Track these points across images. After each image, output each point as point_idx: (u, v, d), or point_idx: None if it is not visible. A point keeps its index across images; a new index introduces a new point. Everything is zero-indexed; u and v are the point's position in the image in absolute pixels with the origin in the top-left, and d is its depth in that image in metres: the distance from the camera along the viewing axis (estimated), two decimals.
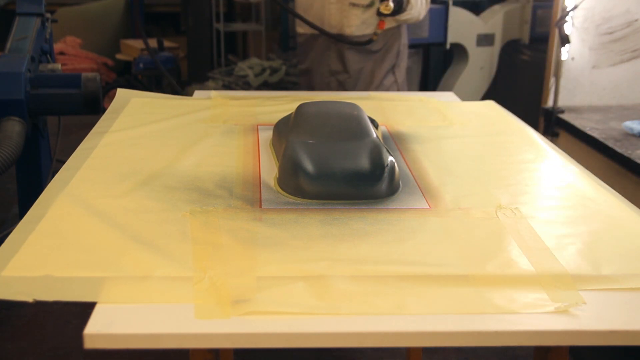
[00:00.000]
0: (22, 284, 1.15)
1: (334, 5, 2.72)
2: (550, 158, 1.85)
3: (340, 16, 2.73)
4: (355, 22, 2.73)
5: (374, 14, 2.71)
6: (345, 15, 2.72)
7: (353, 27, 2.74)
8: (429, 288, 1.18)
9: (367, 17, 2.75)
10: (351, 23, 2.73)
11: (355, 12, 2.71)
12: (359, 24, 2.74)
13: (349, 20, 2.73)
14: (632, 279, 1.22)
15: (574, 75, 3.18)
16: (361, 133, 1.68)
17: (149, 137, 1.90)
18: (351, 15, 2.72)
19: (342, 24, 2.75)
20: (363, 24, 2.76)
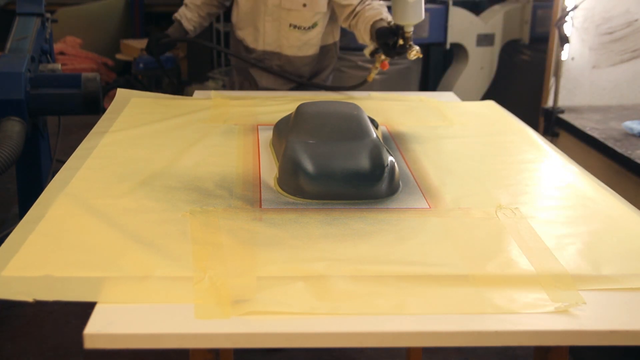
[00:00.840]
0: (22, 284, 1.15)
1: (269, 24, 2.57)
2: (550, 158, 1.85)
3: (278, 35, 2.59)
4: (295, 44, 2.59)
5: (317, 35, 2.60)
6: (284, 35, 2.58)
7: (294, 48, 2.60)
8: (429, 288, 1.18)
9: (308, 39, 2.59)
10: (291, 44, 2.59)
11: (296, 34, 2.57)
12: (300, 46, 2.60)
13: (288, 41, 2.59)
14: (632, 279, 1.23)
15: (574, 75, 3.18)
16: (361, 133, 1.68)
17: (149, 137, 1.90)
18: (291, 36, 2.57)
19: (280, 44, 2.60)
20: (305, 45, 2.60)
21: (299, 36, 2.57)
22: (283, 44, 2.60)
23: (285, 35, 2.57)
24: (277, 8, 2.53)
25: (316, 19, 2.57)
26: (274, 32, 2.58)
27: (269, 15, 2.55)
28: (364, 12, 2.47)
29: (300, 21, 2.55)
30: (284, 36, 2.58)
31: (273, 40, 2.59)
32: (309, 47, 2.62)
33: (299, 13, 2.53)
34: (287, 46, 2.60)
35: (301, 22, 2.55)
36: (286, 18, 2.54)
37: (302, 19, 2.54)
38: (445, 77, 4.53)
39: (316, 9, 2.54)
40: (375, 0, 2.52)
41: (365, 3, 2.51)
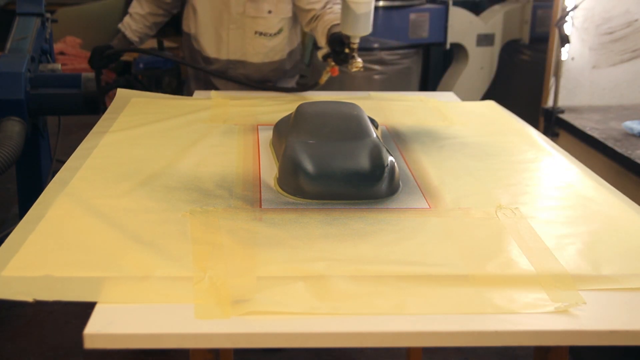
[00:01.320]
0: (22, 284, 1.15)
1: (233, 32, 2.52)
2: (551, 158, 1.85)
3: (243, 43, 2.54)
4: (262, 51, 2.56)
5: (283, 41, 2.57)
6: (250, 43, 2.54)
7: (260, 55, 2.56)
8: (429, 288, 1.18)
9: (274, 45, 2.57)
10: (257, 51, 2.55)
11: (262, 41, 2.53)
12: (266, 52, 2.57)
13: (254, 49, 2.55)
14: (632, 279, 1.22)
15: (574, 75, 3.18)
16: (361, 133, 1.68)
17: (149, 137, 1.90)
18: (257, 44, 2.54)
19: (245, 51, 2.56)
20: (271, 52, 2.57)
21: (265, 43, 2.54)
22: (248, 52, 2.55)
23: (251, 43, 2.53)
24: (242, 16, 2.48)
25: (281, 25, 2.55)
26: (238, 40, 2.53)
27: (232, 24, 2.50)
28: (324, 15, 2.46)
29: (266, 28, 2.52)
30: (249, 44, 2.53)
31: (237, 49, 2.54)
32: (275, 53, 2.59)
33: (264, 20, 2.50)
34: (252, 54, 2.55)
35: (267, 28, 2.52)
36: (251, 25, 2.50)
37: (267, 25, 2.51)
38: (445, 77, 4.53)
39: (281, 15, 2.52)
40: (336, 5, 2.49)
41: (327, 7, 2.49)
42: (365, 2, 2.13)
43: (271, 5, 2.48)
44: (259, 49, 2.54)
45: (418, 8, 4.15)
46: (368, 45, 4.10)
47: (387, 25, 4.09)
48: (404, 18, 4.10)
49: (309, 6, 2.49)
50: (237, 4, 2.46)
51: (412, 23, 4.13)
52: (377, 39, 4.10)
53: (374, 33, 4.05)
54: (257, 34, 2.52)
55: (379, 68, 4.14)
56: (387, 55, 4.13)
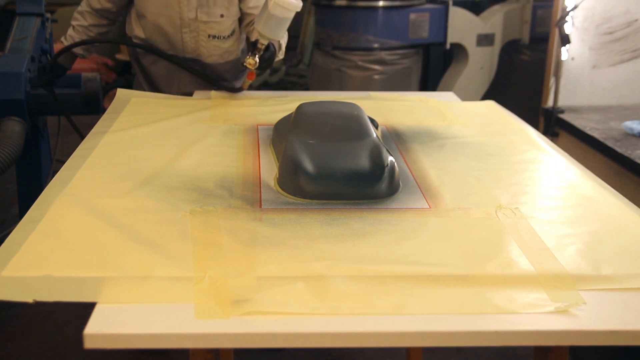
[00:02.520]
0: (22, 284, 1.15)
1: (187, 35, 2.50)
2: (551, 158, 1.85)
3: (197, 45, 2.52)
4: (216, 52, 2.54)
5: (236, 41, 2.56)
6: (204, 45, 2.52)
7: (215, 56, 2.55)
8: (429, 288, 1.18)
9: (228, 46, 2.55)
10: (212, 53, 2.54)
11: (216, 43, 2.52)
12: (221, 53, 2.56)
13: (208, 51, 2.53)
14: (632, 279, 1.22)
15: (574, 75, 3.18)
16: (361, 133, 1.68)
17: (149, 137, 1.90)
18: (211, 46, 2.53)
19: (199, 53, 2.54)
20: (225, 53, 2.56)
21: (219, 45, 2.53)
22: (203, 53, 2.54)
23: (205, 45, 2.52)
24: (194, 21, 2.47)
25: (234, 27, 2.54)
26: (192, 43, 2.51)
27: (185, 28, 2.48)
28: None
29: (219, 31, 2.51)
30: (204, 46, 2.52)
31: (192, 50, 2.53)
32: (229, 54, 2.58)
33: (217, 24, 2.49)
34: (207, 55, 2.54)
35: (220, 32, 2.51)
36: (204, 30, 2.49)
37: (220, 29, 2.50)
38: (445, 77, 4.53)
39: (233, 17, 2.51)
40: None
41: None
42: (282, 6, 2.14)
43: (223, 9, 2.48)
44: (213, 50, 2.54)
45: (418, 8, 4.15)
46: (368, 45, 4.11)
47: (387, 25, 4.09)
48: (404, 18, 4.10)
49: (249, 10, 2.50)
50: (189, 9, 2.45)
51: (412, 23, 4.13)
52: (377, 39, 4.10)
53: (374, 33, 4.08)
54: (210, 37, 2.51)
55: (379, 68, 4.14)
56: (387, 55, 4.13)
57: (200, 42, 2.50)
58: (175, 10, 2.44)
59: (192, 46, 2.50)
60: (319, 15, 4.41)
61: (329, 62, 4.25)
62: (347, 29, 4.12)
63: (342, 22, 4.15)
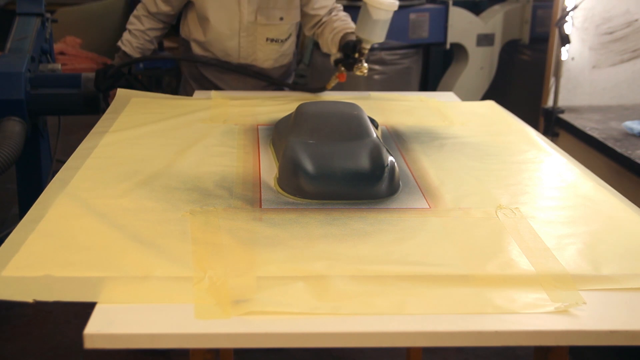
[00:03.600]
0: (22, 284, 1.15)
1: (245, 39, 2.50)
2: (551, 158, 1.85)
3: (254, 49, 2.53)
4: (273, 56, 2.56)
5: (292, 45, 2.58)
6: (261, 49, 2.53)
7: (270, 60, 2.57)
8: (429, 288, 1.17)
9: (284, 50, 2.58)
10: (268, 57, 2.55)
11: (273, 47, 2.53)
12: (276, 57, 2.57)
13: (265, 55, 2.55)
14: (632, 279, 1.22)
15: (574, 75, 3.18)
16: (361, 133, 1.68)
17: (149, 137, 1.90)
18: (268, 50, 2.54)
19: (255, 57, 2.55)
20: (281, 57, 2.58)
21: (276, 49, 2.54)
22: (259, 58, 2.54)
23: (262, 49, 2.53)
24: (253, 24, 2.48)
25: (291, 30, 2.56)
26: (249, 47, 2.52)
27: (244, 32, 2.49)
28: (331, 22, 2.48)
29: (277, 34, 2.52)
30: (260, 50, 2.53)
31: (248, 55, 2.54)
32: (284, 57, 2.60)
33: (275, 27, 2.50)
34: (263, 60, 2.55)
35: (278, 35, 2.52)
36: (262, 33, 2.50)
37: (279, 32, 2.52)
38: (445, 77, 4.53)
39: (292, 21, 2.52)
40: (341, 12, 2.52)
41: (332, 13, 2.51)
42: (384, 9, 2.15)
43: (283, 12, 2.49)
44: (270, 55, 2.55)
45: (418, 8, 4.15)
46: None
47: None
48: (404, 18, 4.10)
49: (314, 12, 2.51)
50: (249, 12, 2.46)
51: (412, 23, 4.13)
52: None
53: None
54: (268, 41, 2.52)
55: (379, 68, 4.14)
56: (387, 55, 4.13)
57: (257, 46, 2.51)
58: (235, 12, 2.45)
59: (248, 51, 2.52)
60: None
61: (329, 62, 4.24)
62: None
63: None
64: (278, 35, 2.52)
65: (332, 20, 2.49)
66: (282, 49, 2.56)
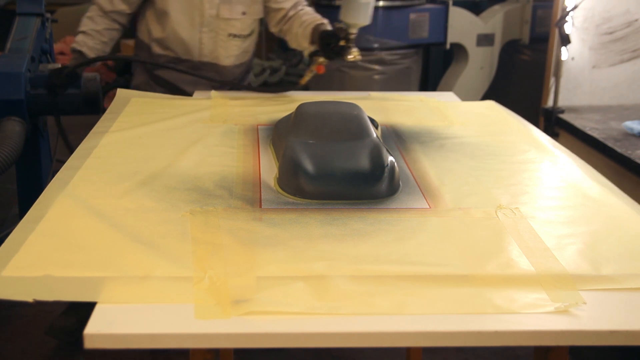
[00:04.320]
0: (22, 284, 1.15)
1: (206, 34, 2.47)
2: (551, 157, 1.85)
3: (215, 45, 2.49)
4: (234, 52, 2.53)
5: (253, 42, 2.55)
6: (223, 45, 2.49)
7: (232, 57, 2.53)
8: (429, 288, 1.17)
9: (247, 46, 2.55)
10: (230, 54, 2.52)
11: (236, 42, 2.50)
12: (238, 54, 2.54)
13: (227, 51, 2.51)
14: (632, 279, 1.22)
15: (574, 75, 3.18)
16: (361, 133, 1.68)
17: (149, 137, 1.90)
18: (230, 46, 2.50)
19: (217, 54, 2.52)
20: (243, 53, 2.55)
21: (239, 45, 2.51)
22: (221, 54, 2.51)
23: (224, 45, 2.49)
24: (215, 19, 2.44)
25: (254, 26, 2.53)
26: (210, 43, 2.48)
27: (205, 27, 2.45)
28: (299, 16, 2.46)
29: (240, 29, 2.49)
30: (222, 46, 2.49)
31: (210, 51, 2.50)
32: (245, 54, 2.57)
33: (238, 22, 2.47)
34: (225, 56, 2.51)
35: (241, 30, 2.49)
36: (225, 28, 2.47)
37: (241, 27, 2.48)
38: (445, 77, 4.53)
39: (255, 16, 2.49)
40: (306, 6, 2.51)
41: (298, 8, 2.49)
42: None
43: (245, 6, 2.46)
44: (231, 51, 2.51)
45: (418, 8, 4.15)
46: (368, 45, 4.10)
47: (387, 25, 4.09)
48: (404, 18, 4.10)
49: (278, 5, 2.48)
50: (211, 6, 2.42)
51: (412, 23, 4.13)
52: (377, 39, 4.10)
53: (374, 33, 4.08)
54: (230, 36, 2.48)
55: (379, 68, 4.14)
56: (387, 55, 4.13)
57: (219, 42, 2.47)
58: (197, 6, 2.42)
59: (209, 47, 2.48)
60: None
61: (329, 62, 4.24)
62: None
63: None
64: (240, 30, 2.49)
65: (299, 14, 2.46)
66: (244, 45, 2.53)
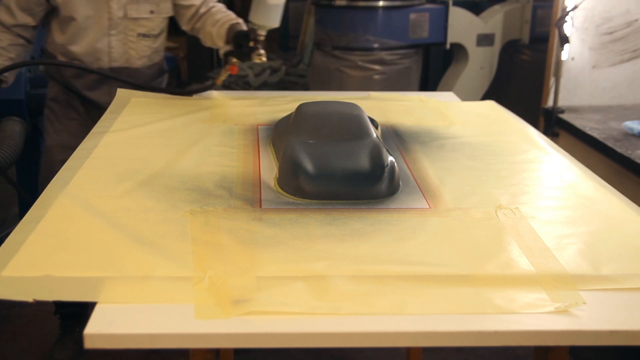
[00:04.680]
0: (22, 284, 1.15)
1: (115, 37, 2.36)
2: (551, 158, 1.85)
3: (125, 48, 2.39)
4: (146, 53, 2.44)
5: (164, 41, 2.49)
6: (133, 47, 2.40)
7: (144, 58, 2.44)
8: (429, 288, 1.18)
9: (157, 46, 2.47)
10: (141, 55, 2.43)
11: (146, 42, 2.42)
12: (149, 54, 2.45)
13: (138, 52, 2.42)
14: (632, 279, 1.22)
15: (574, 75, 3.18)
16: (361, 133, 1.68)
17: (149, 137, 1.90)
18: (140, 46, 2.41)
19: (128, 56, 2.41)
20: (154, 53, 2.47)
21: (149, 45, 2.44)
22: (132, 56, 2.42)
23: (134, 47, 2.41)
24: (123, 20, 2.36)
25: (163, 25, 2.47)
26: (120, 46, 2.39)
27: (113, 29, 2.36)
28: (212, 15, 2.42)
29: (149, 29, 2.42)
30: (133, 47, 2.41)
31: (120, 55, 2.40)
32: (156, 54, 2.51)
33: (147, 21, 2.40)
34: (136, 57, 2.43)
35: (150, 30, 2.42)
36: (133, 28, 2.39)
37: (150, 26, 2.42)
38: (445, 77, 4.53)
39: (164, 14, 2.44)
40: (218, 3, 2.47)
41: (209, 5, 2.45)
42: None
43: (153, 5, 2.40)
44: (143, 52, 2.44)
45: (418, 8, 4.15)
46: (368, 45, 4.11)
47: (387, 25, 4.09)
48: (404, 18, 4.10)
49: (188, 2, 2.43)
50: (118, 7, 2.34)
51: (412, 23, 4.13)
52: (377, 39, 4.10)
53: (374, 33, 4.08)
54: (140, 36, 2.41)
55: (379, 68, 4.14)
56: (387, 55, 4.13)
57: (129, 44, 2.39)
58: (104, 9, 2.33)
59: (119, 50, 2.38)
60: (318, 15, 4.41)
61: (329, 62, 4.25)
62: (347, 29, 4.12)
63: (342, 22, 4.15)
64: (150, 30, 2.42)
65: (212, 13, 2.42)
66: (155, 45, 2.46)
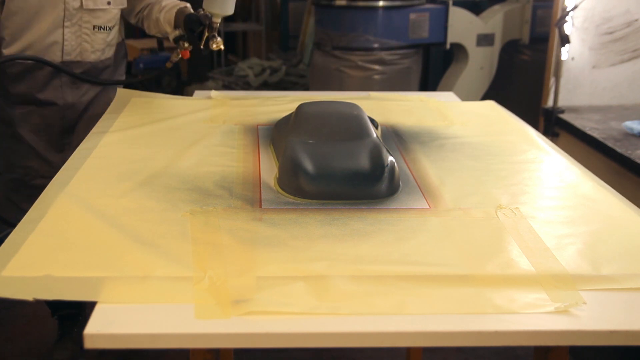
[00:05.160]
0: (22, 283, 1.15)
1: (69, 30, 2.24)
2: (551, 158, 1.85)
3: (79, 41, 2.28)
4: (100, 46, 2.33)
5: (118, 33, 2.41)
6: (87, 40, 2.29)
7: (98, 52, 2.33)
8: (429, 288, 1.18)
9: (111, 39, 2.37)
10: (96, 48, 2.32)
11: (101, 35, 2.31)
12: (104, 48, 2.35)
13: (92, 46, 2.31)
14: (632, 279, 1.23)
15: (574, 75, 3.18)
16: (361, 133, 1.68)
17: (149, 137, 1.90)
18: (96, 39, 2.31)
19: (82, 49, 2.30)
20: (108, 47, 2.37)
21: (104, 38, 2.34)
22: (86, 49, 2.32)
23: (88, 40, 2.31)
24: (78, 11, 2.25)
25: (118, 17, 2.39)
26: (74, 39, 2.28)
27: (68, 21, 2.24)
28: (158, 2, 2.39)
29: (105, 21, 2.33)
30: (87, 40, 2.31)
31: (73, 49, 2.30)
32: (110, 48, 2.41)
33: (104, 12, 2.31)
34: (90, 51, 2.33)
35: (106, 22, 2.33)
36: (89, 20, 2.29)
37: (106, 18, 2.33)
38: (445, 77, 4.53)
39: (120, 5, 2.36)
40: None
41: None
42: None
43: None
44: (97, 45, 2.34)
45: (418, 8, 4.15)
46: (368, 45, 4.11)
47: (387, 25, 4.10)
48: (404, 18, 4.10)
49: None
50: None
51: (412, 23, 4.13)
52: (377, 39, 4.10)
53: (374, 33, 4.08)
54: (95, 29, 2.31)
55: (379, 68, 4.14)
56: (387, 55, 4.13)
57: (83, 37, 2.29)
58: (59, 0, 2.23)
59: (72, 44, 2.28)
60: (318, 15, 4.41)
61: (329, 62, 4.25)
62: (347, 29, 4.13)
63: (342, 22, 4.15)
64: (106, 22, 2.33)
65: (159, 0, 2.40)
66: (109, 38, 2.38)
